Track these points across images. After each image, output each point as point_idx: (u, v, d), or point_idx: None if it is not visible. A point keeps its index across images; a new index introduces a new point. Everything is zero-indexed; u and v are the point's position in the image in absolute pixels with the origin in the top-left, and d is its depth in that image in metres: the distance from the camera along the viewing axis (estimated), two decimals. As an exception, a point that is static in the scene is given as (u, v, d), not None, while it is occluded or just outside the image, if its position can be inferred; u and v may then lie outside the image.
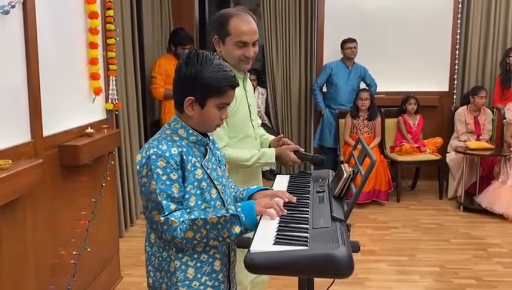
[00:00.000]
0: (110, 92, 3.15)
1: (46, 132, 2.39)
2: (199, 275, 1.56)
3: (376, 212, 4.87)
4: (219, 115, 1.59)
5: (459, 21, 5.73)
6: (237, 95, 2.10)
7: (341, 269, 1.16)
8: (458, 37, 5.76)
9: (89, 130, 2.77)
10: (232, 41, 2.07)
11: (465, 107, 5.38)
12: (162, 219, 1.45)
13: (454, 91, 5.84)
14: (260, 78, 6.27)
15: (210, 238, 1.47)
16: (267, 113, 6.15)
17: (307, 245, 1.24)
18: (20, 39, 2.18)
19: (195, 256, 1.55)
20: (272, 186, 1.92)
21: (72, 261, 2.62)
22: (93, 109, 2.99)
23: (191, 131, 1.58)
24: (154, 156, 1.48)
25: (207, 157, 1.60)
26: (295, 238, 1.30)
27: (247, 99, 2.20)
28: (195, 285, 1.56)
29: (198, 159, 1.57)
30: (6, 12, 2.00)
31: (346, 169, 1.62)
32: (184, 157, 1.52)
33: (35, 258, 2.29)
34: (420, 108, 5.41)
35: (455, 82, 5.82)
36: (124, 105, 4.09)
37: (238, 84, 1.62)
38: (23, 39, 2.20)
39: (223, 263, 1.60)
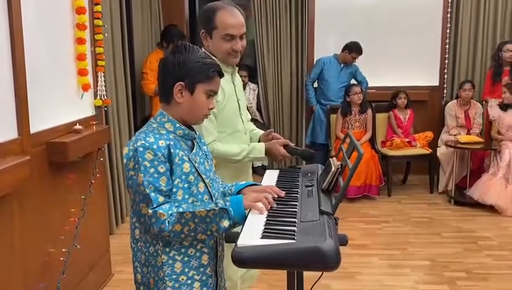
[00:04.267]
0: (98, 88, 3.12)
1: (33, 129, 2.36)
2: (186, 269, 1.55)
3: (367, 206, 4.88)
4: (207, 104, 1.59)
5: (448, 15, 5.74)
6: (226, 90, 2.10)
7: (328, 262, 1.16)
8: (448, 31, 5.77)
9: (77, 126, 2.75)
10: (219, 34, 2.06)
11: (455, 101, 5.41)
12: (150, 211, 1.44)
13: (445, 85, 5.85)
14: (251, 74, 6.25)
15: (198, 232, 1.47)
16: (258, 109, 6.13)
17: (294, 238, 1.24)
18: (6, 35, 2.15)
19: (183, 250, 1.54)
20: (261, 181, 1.92)
21: (61, 259, 2.60)
22: (81, 105, 2.96)
23: (178, 125, 1.58)
24: (141, 149, 1.47)
25: (194, 150, 1.59)
26: (283, 231, 1.29)
27: (236, 93, 2.19)
28: (182, 279, 1.55)
29: (186, 152, 1.56)
30: (-10, 8, 1.97)
31: (335, 163, 1.62)
32: (171, 150, 1.51)
33: (23, 256, 2.27)
34: (410, 102, 5.43)
35: (445, 76, 5.84)
36: (113, 101, 4.06)
37: (223, 74, 1.64)
38: (9, 35, 2.17)
39: (211, 257, 1.59)
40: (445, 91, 5.86)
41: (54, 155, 2.49)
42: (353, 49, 5.39)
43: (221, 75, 1.62)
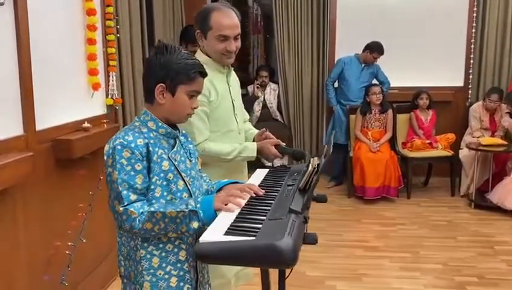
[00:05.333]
0: (110, 87, 3.21)
1: (40, 126, 2.45)
2: (164, 265, 1.59)
3: (385, 208, 4.81)
4: (190, 104, 1.62)
5: (474, 14, 5.59)
6: (219, 90, 2.14)
7: (283, 259, 1.16)
8: (474, 31, 5.62)
9: (86, 124, 2.84)
10: (214, 35, 2.09)
11: (480, 103, 5.27)
12: (121, 209, 1.48)
13: (470, 86, 5.71)
14: (273, 74, 6.26)
15: (169, 231, 1.50)
16: (279, 109, 6.12)
17: (255, 236, 1.25)
18: (12, 35, 2.25)
19: (161, 246, 1.58)
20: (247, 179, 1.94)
21: (67, 253, 2.69)
22: (92, 104, 3.05)
23: (160, 123, 1.61)
24: (119, 147, 1.51)
25: (175, 149, 1.62)
26: (246, 228, 1.31)
27: (230, 94, 2.21)
28: (159, 274, 1.59)
29: (166, 150, 1.59)
30: (-6, 10, 2.07)
31: (314, 163, 1.62)
32: (150, 148, 1.54)
33: (28, 248, 2.36)
34: (433, 103, 5.32)
35: (470, 77, 5.69)
36: (131, 100, 4.13)
37: (206, 74, 1.65)
38: (15, 34, 2.26)
39: (189, 253, 1.61)
40: (470, 92, 5.72)
41: (59, 152, 2.58)
42: (374, 49, 5.32)
43: (203, 75, 1.64)
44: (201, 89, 1.65)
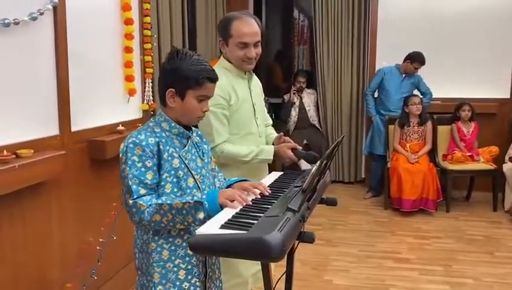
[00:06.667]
0: (146, 93, 3.37)
1: (75, 128, 2.63)
2: (173, 257, 1.67)
3: (421, 221, 4.72)
4: (200, 108, 1.70)
5: (523, 24, 5.43)
6: (240, 94, 2.22)
7: (270, 253, 1.21)
8: (522, 41, 5.45)
9: (120, 127, 2.99)
10: (234, 42, 2.18)
11: (527, 115, 5.09)
12: (131, 202, 1.58)
13: (516, 98, 5.53)
14: (310, 80, 6.27)
15: (176, 223, 1.58)
16: (317, 114, 6.11)
17: (247, 230, 1.31)
18: (51, 42, 2.43)
19: (170, 239, 1.67)
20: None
21: (98, 248, 2.83)
22: (128, 108, 3.22)
23: (173, 124, 1.71)
24: (131, 145, 1.62)
25: (186, 148, 1.71)
26: (242, 223, 1.37)
27: (251, 98, 2.29)
28: (169, 266, 1.67)
29: (177, 149, 1.69)
30: (35, 19, 2.24)
31: (318, 164, 1.65)
32: (161, 147, 1.64)
33: (62, 241, 2.52)
34: (475, 115, 5.18)
35: (517, 89, 5.51)
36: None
37: (217, 78, 1.72)
38: (53, 41, 2.44)
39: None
40: (516, 104, 5.53)
41: (93, 152, 2.74)
42: (415, 59, 5.25)
43: (212, 80, 1.70)
44: (210, 93, 1.72)
